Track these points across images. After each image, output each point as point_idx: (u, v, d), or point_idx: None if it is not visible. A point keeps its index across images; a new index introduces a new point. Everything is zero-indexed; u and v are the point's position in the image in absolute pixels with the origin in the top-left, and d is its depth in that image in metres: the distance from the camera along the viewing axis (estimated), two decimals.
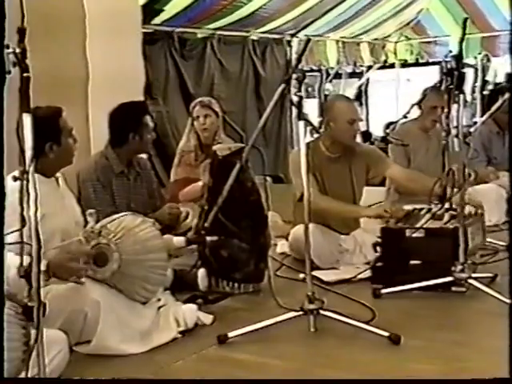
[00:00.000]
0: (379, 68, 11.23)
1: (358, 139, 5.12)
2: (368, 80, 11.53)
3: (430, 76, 10.09)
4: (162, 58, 7.73)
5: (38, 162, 2.46)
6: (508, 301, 3.61)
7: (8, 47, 2.36)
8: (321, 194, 4.70)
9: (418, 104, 5.65)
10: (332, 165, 4.85)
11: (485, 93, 8.69)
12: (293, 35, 9.26)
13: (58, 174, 3.57)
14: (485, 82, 10.81)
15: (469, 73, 10.14)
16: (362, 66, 11.01)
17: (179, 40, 7.90)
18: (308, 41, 3.97)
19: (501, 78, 10.84)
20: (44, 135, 2.55)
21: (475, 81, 10.95)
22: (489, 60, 11.07)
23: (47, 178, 3.42)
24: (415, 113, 5.74)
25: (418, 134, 5.70)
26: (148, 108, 4.77)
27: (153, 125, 4.54)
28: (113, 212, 3.76)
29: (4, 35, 2.24)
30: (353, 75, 11.48)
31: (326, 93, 10.91)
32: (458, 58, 3.89)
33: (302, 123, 3.49)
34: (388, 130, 5.63)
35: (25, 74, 2.36)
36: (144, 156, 4.79)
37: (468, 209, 4.45)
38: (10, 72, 2.37)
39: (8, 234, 2.51)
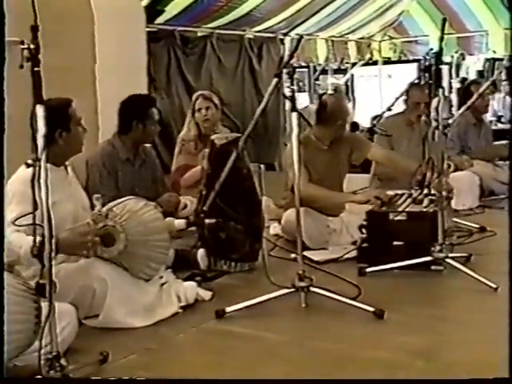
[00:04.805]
0: (363, 65, 11.22)
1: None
2: (353, 76, 11.51)
3: (409, 72, 10.10)
4: (166, 54, 7.69)
5: (49, 151, 2.42)
6: (493, 285, 3.61)
7: (23, 43, 2.32)
8: (310, 182, 4.66)
9: (404, 99, 5.62)
10: (324, 155, 4.81)
11: (458, 86, 8.76)
12: (285, 34, 9.21)
13: (66, 163, 3.52)
14: (462, 79, 10.82)
15: (444, 70, 10.16)
16: (347, 62, 11.00)
17: (181, 38, 7.87)
18: (300, 38, 3.95)
19: (472, 75, 10.86)
20: (54, 122, 2.52)
21: (450, 77, 10.94)
22: (464, 58, 11.08)
23: (57, 166, 3.37)
24: (400, 106, 5.71)
25: (402, 126, 5.65)
26: (155, 102, 4.73)
27: (158, 118, 4.50)
28: (117, 196, 3.71)
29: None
30: (338, 71, 11.45)
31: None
32: (439, 54, 3.87)
33: (294, 115, 3.45)
34: (374, 122, 5.60)
35: (36, 69, 2.33)
36: (148, 145, 4.75)
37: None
38: (22, 67, 2.33)
39: (22, 216, 2.49)
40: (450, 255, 4.01)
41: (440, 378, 2.62)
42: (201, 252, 4.14)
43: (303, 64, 10.46)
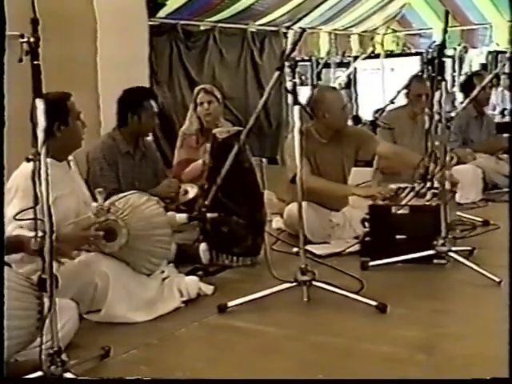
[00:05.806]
0: (365, 58, 11.17)
1: (349, 123, 5.09)
2: (355, 69, 11.47)
3: (412, 66, 10.04)
4: (168, 48, 7.68)
5: (49, 144, 2.41)
6: (497, 279, 3.59)
7: (22, 37, 2.31)
8: (312, 174, 4.65)
9: (406, 92, 5.60)
10: (324, 149, 4.79)
11: (462, 78, 8.75)
12: (288, 27, 9.18)
13: (69, 158, 3.51)
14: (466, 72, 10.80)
15: (447, 62, 10.13)
16: (349, 56, 10.97)
17: (183, 32, 7.85)
18: (302, 32, 3.92)
19: (475, 68, 10.82)
20: (53, 115, 2.51)
21: (453, 70, 10.92)
22: (466, 51, 11.05)
23: (59, 161, 3.36)
24: (402, 99, 5.69)
25: (405, 119, 5.62)
26: (151, 94, 4.71)
27: (155, 110, 4.49)
28: (117, 189, 3.70)
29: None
30: (340, 65, 11.41)
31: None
32: (441, 47, 3.85)
33: (296, 108, 3.44)
34: (377, 115, 5.58)
35: (35, 62, 2.31)
36: (149, 138, 4.74)
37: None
38: (21, 60, 2.32)
39: (24, 211, 2.49)
40: (453, 249, 4.00)
41: (441, 377, 2.61)
42: (203, 246, 4.12)
43: (305, 57, 10.43)
